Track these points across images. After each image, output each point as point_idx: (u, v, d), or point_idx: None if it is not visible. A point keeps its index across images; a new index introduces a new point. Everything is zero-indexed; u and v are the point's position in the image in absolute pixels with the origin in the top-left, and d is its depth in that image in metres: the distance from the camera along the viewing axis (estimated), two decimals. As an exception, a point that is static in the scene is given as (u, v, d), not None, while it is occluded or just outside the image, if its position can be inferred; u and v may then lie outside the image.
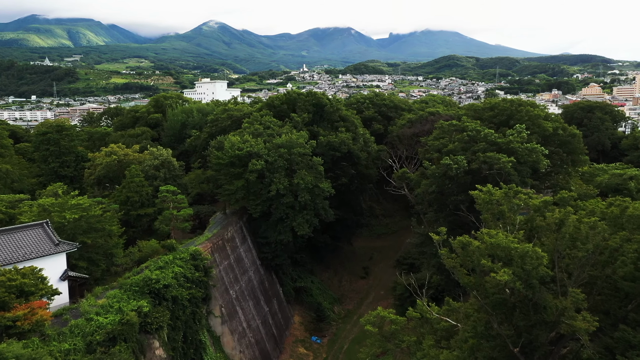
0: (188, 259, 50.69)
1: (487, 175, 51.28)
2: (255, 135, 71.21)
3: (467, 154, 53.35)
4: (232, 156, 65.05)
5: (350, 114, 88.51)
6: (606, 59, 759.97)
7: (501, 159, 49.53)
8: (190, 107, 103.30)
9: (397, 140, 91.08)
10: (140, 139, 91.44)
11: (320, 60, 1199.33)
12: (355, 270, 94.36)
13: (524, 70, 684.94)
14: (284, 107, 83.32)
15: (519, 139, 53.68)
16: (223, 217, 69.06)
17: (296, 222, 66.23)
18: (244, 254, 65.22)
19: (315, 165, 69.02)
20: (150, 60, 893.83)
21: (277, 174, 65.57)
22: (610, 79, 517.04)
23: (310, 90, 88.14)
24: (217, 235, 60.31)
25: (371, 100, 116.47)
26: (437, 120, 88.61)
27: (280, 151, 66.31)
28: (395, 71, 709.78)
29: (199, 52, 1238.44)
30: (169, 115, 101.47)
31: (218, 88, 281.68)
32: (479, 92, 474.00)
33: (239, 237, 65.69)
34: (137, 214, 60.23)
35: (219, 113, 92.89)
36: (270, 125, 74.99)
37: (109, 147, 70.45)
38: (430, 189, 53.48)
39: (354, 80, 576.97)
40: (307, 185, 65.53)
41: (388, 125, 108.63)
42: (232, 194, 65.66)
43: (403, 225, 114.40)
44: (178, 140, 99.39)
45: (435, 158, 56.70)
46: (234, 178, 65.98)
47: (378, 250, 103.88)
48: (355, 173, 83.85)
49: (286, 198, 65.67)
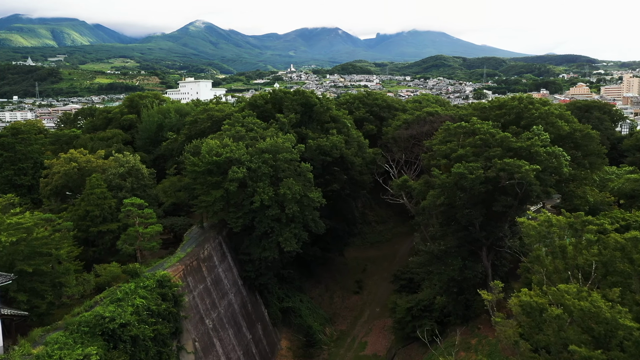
0: (154, 287, 42.68)
1: (505, 185, 43.92)
2: (236, 138, 63.27)
3: (481, 161, 46.00)
4: (210, 162, 57.05)
5: (342, 115, 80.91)
6: (591, 59, 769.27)
7: (523, 166, 42.18)
8: (168, 107, 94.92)
9: (393, 142, 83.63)
10: (110, 142, 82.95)
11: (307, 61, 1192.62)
12: (347, 284, 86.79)
13: (511, 70, 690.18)
14: (268, 107, 75.42)
15: (540, 142, 46.40)
16: (200, 231, 61.01)
17: (283, 237, 58.42)
18: (223, 274, 57.23)
19: (303, 173, 61.29)
20: (136, 60, 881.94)
21: (260, 182, 57.75)
22: (596, 78, 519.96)
23: (298, 88, 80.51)
24: (191, 254, 52.27)
25: (362, 99, 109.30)
26: (437, 121, 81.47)
27: (265, 157, 58.50)
28: (383, 71, 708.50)
29: (186, 52, 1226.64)
30: (144, 116, 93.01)
31: (202, 88, 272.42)
32: (466, 92, 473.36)
33: (217, 255, 57.70)
34: (98, 230, 51.95)
35: (198, 114, 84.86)
36: (254, 127, 67.10)
37: (68, 152, 61.89)
38: (439, 201, 45.99)
39: (342, 81, 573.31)
40: (294, 195, 57.81)
41: (381, 126, 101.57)
42: (210, 205, 57.64)
43: (397, 233, 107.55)
44: (153, 144, 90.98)
45: (443, 165, 49.27)
46: (212, 187, 57.97)
47: (371, 261, 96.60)
48: (347, 179, 76.31)
49: (271, 210, 57.87)
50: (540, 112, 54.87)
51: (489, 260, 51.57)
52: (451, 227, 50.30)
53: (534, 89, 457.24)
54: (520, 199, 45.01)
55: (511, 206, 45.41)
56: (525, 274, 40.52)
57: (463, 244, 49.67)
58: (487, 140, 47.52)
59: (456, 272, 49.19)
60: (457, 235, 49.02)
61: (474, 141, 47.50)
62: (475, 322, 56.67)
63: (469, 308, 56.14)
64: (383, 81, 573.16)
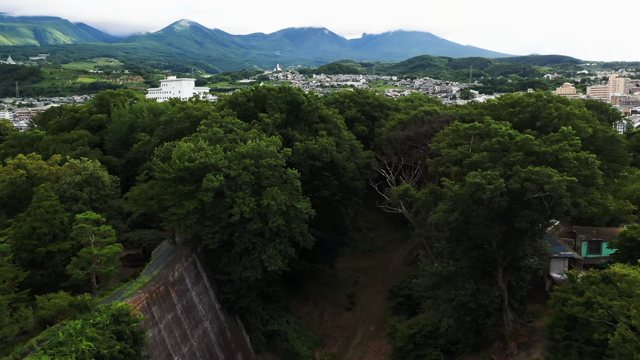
0: (107, 324, 34.82)
1: (530, 199, 36.80)
2: (212, 141, 55.48)
3: (499, 168, 38.87)
4: (181, 169, 49.20)
5: (332, 114, 73.38)
6: (574, 60, 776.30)
7: (553, 176, 35.09)
8: (140, 106, 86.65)
9: (387, 144, 76.42)
10: (75, 144, 74.47)
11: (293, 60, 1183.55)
12: (338, 299, 79.30)
13: (496, 70, 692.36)
14: (250, 106, 67.60)
15: (569, 147, 39.38)
16: (171, 247, 53.14)
17: (266, 255, 50.78)
18: (197, 298, 49.41)
19: (290, 180, 53.76)
20: (120, 59, 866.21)
21: (240, 192, 50.04)
22: (581, 79, 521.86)
23: (283, 84, 72.93)
24: (157, 278, 44.37)
25: (352, 98, 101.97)
26: (436, 121, 74.47)
27: (245, 162, 50.79)
28: (369, 71, 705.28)
29: (171, 51, 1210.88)
30: (114, 116, 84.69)
31: (185, 86, 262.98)
32: (453, 91, 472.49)
33: (190, 276, 49.87)
34: (47, 250, 43.83)
35: (174, 113, 76.88)
36: (234, 128, 59.30)
37: (16, 158, 53.53)
38: (452, 217, 38.70)
39: (328, 80, 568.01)
40: (280, 206, 50.22)
41: (373, 127, 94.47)
42: (182, 219, 49.78)
43: (390, 240, 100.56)
44: (125, 146, 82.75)
45: (453, 173, 42.07)
46: (184, 198, 50.12)
47: (363, 272, 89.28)
48: (338, 184, 68.93)
49: (253, 223, 50.21)
50: (560, 113, 47.88)
51: (505, 282, 44.57)
52: (462, 244, 43.07)
53: (520, 89, 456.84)
54: (547, 214, 37.99)
55: (536, 222, 38.39)
56: (560, 307, 33.37)
57: (476, 264, 42.52)
58: (506, 144, 40.39)
59: (468, 298, 42.02)
60: (470, 255, 41.85)
61: (491, 145, 40.33)
62: (488, 350, 49.58)
63: (480, 334, 49.11)
64: (370, 81, 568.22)
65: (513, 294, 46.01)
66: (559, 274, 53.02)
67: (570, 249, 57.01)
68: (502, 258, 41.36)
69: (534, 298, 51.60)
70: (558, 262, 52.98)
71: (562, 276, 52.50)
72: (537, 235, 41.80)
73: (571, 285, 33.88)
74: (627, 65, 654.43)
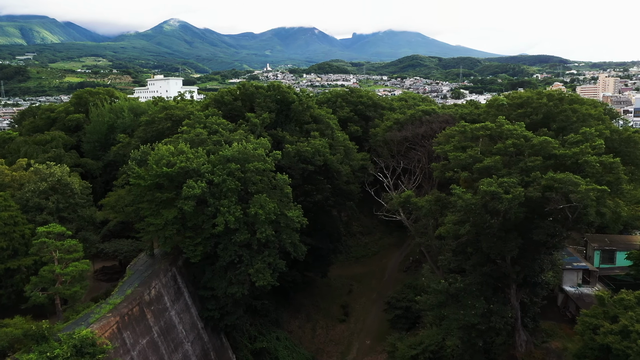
0: (68, 357, 29.98)
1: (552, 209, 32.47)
2: (195, 143, 50.68)
3: (515, 174, 34.50)
4: (159, 175, 44.32)
5: (325, 114, 68.76)
6: (563, 60, 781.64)
7: (580, 184, 30.77)
8: (121, 105, 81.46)
9: (384, 145, 72.08)
10: (49, 146, 69.22)
11: (284, 60, 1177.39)
12: (331, 310, 74.75)
13: (486, 70, 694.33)
14: (237, 105, 62.78)
15: (591, 150, 35.13)
16: (149, 260, 48.27)
17: (254, 268, 46.08)
18: (177, 318, 44.59)
19: (280, 186, 49.10)
20: (108, 59, 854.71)
21: (225, 200, 45.30)
22: (570, 78, 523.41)
23: (272, 82, 68.16)
24: (131, 298, 39.49)
25: (345, 97, 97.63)
26: (435, 122, 70.27)
27: (230, 167, 46.04)
28: (360, 71, 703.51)
29: (160, 51, 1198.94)
30: (92, 115, 79.47)
31: (172, 85, 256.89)
32: (444, 91, 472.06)
33: (170, 293, 45.04)
34: (6, 268, 38.81)
35: (155, 112, 71.90)
36: (218, 129, 54.51)
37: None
38: (463, 231, 34.26)
39: (319, 80, 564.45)
40: (268, 215, 45.56)
41: (367, 127, 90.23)
42: (160, 229, 44.92)
43: (384, 245, 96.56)
44: (103, 148, 77.62)
45: (462, 179, 37.67)
46: (162, 207, 45.23)
47: (358, 280, 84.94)
48: (331, 188, 64.43)
49: (239, 234, 45.51)
50: (578, 115, 43.62)
51: (518, 299, 40.25)
52: (471, 258, 38.66)
53: (510, 89, 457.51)
54: (570, 225, 33.73)
55: (556, 234, 34.11)
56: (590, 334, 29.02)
57: (487, 280, 38.16)
58: (521, 147, 36.06)
59: (478, 319, 37.64)
60: (481, 270, 37.44)
61: (505, 148, 35.93)
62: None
63: (488, 353, 44.76)
64: (360, 80, 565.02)
65: (526, 311, 41.77)
66: (572, 287, 48.94)
67: (581, 258, 52.97)
68: (516, 274, 37.02)
69: (546, 314, 47.42)
70: (571, 274, 48.91)
71: (576, 290, 48.41)
72: (554, 248, 37.53)
73: (602, 310, 29.62)
74: (614, 65, 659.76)
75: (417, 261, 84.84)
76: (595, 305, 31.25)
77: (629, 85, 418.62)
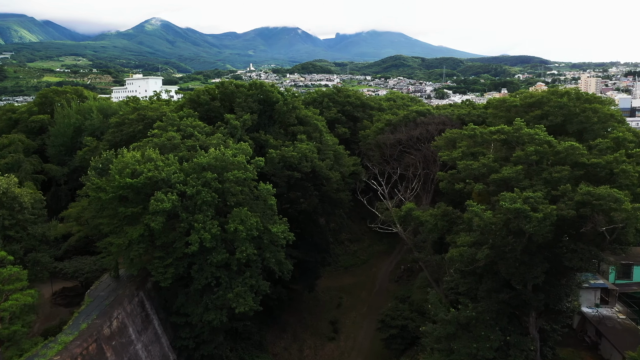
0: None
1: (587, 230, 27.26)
2: (167, 148, 44.64)
3: (539, 186, 29.26)
4: (122, 186, 38.23)
5: (312, 115, 63.07)
6: (544, 60, 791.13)
7: (623, 201, 25.59)
8: (90, 106, 74.78)
9: (376, 149, 66.73)
10: (6, 151, 62.44)
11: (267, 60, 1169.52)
12: (320, 327, 69.07)
13: (468, 70, 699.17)
14: (215, 105, 56.70)
15: (624, 158, 30.05)
16: (113, 284, 42.09)
17: (233, 292, 40.26)
18: (144, 352, 38.51)
19: (263, 197, 43.31)
20: (88, 58, 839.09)
21: (200, 214, 39.38)
22: (551, 79, 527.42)
23: (254, 80, 62.26)
24: (86, 333, 33.30)
25: (332, 97, 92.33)
26: (431, 123, 65.12)
27: (206, 176, 40.13)
28: (343, 70, 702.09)
29: (142, 50, 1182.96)
30: (58, 117, 72.74)
31: (152, 85, 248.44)
32: (427, 91, 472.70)
33: (136, 323, 38.94)
34: None
35: (126, 113, 65.66)
36: (194, 133, 48.49)
37: None
38: (480, 255, 28.87)
39: (302, 80, 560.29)
40: (250, 231, 39.77)
41: (355, 128, 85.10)
42: (125, 249, 38.84)
43: (374, 252, 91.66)
44: (69, 152, 71.02)
45: (475, 192, 32.36)
46: (127, 223, 39.16)
47: (347, 291, 79.50)
48: (319, 195, 58.89)
49: (216, 254, 39.64)
50: (598, 115, 38.58)
51: (536, 328, 35.04)
52: (485, 281, 33.33)
53: (492, 89, 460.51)
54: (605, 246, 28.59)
55: (590, 258, 28.94)
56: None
57: (504, 308, 32.87)
58: (545, 154, 30.84)
59: (494, 354, 32.32)
60: (498, 298, 32.10)
61: (525, 155, 30.63)
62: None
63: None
64: (344, 80, 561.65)
65: (545, 340, 36.61)
66: (590, 307, 44.04)
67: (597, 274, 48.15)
68: (538, 301, 31.79)
69: (563, 339, 42.44)
70: (588, 293, 43.99)
71: (595, 311, 43.49)
72: (582, 271, 32.48)
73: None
74: (594, 65, 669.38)
75: (409, 270, 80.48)
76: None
77: (610, 86, 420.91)
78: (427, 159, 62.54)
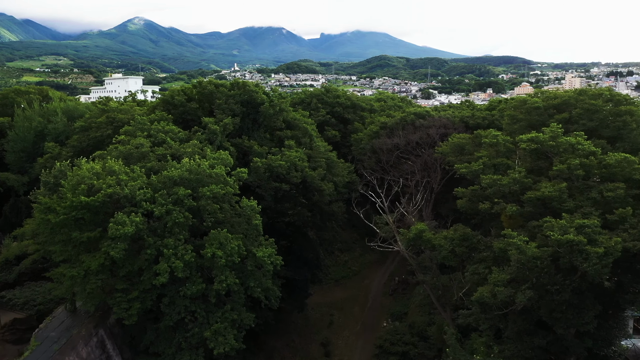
0: None
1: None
2: (133, 158, 38.13)
3: (586, 208, 23.53)
4: (75, 206, 31.64)
5: (301, 118, 56.85)
6: (527, 60, 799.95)
7: None
8: (54, 107, 67.72)
9: (372, 155, 60.84)
10: (-45, 159, 55.17)
11: (252, 60, 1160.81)
12: (310, 351, 62.91)
13: (452, 70, 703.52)
14: (192, 107, 50.11)
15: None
16: (68, 320, 35.48)
17: (211, 330, 33.88)
18: (104, 404, 31.99)
19: (246, 215, 36.99)
20: (69, 58, 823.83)
21: (170, 238, 32.94)
22: (535, 79, 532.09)
23: (236, 79, 55.89)
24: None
25: (320, 98, 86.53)
26: (431, 127, 59.36)
27: (178, 193, 33.70)
28: (329, 70, 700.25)
29: (124, 50, 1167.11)
30: (18, 120, 65.58)
31: (132, 85, 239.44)
32: (413, 91, 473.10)
33: (93, 369, 32.38)
34: None
35: (93, 116, 59.13)
36: (166, 139, 41.99)
37: None
38: (521, 297, 23.01)
39: (287, 80, 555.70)
40: (230, 257, 33.44)
41: (346, 131, 79.38)
42: (80, 281, 32.26)
43: (366, 263, 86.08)
44: (31, 159, 63.97)
45: (506, 215, 26.52)
46: (83, 250, 32.58)
47: (338, 307, 73.53)
48: (309, 205, 52.73)
49: (190, 285, 33.26)
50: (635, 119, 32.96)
51: (574, 374, 29.30)
52: (513, 320, 27.46)
53: (477, 89, 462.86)
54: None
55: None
56: None
57: (538, 354, 27.04)
58: (592, 167, 25.14)
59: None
60: (532, 342, 26.25)
61: (569, 169, 24.86)
62: None
63: None
64: (329, 80, 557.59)
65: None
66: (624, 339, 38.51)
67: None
68: (583, 347, 26.08)
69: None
70: (620, 322, 38.39)
71: (631, 344, 37.93)
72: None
73: None
74: (575, 66, 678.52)
75: (404, 282, 75.13)
76: None
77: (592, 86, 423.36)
78: (428, 166, 56.83)
